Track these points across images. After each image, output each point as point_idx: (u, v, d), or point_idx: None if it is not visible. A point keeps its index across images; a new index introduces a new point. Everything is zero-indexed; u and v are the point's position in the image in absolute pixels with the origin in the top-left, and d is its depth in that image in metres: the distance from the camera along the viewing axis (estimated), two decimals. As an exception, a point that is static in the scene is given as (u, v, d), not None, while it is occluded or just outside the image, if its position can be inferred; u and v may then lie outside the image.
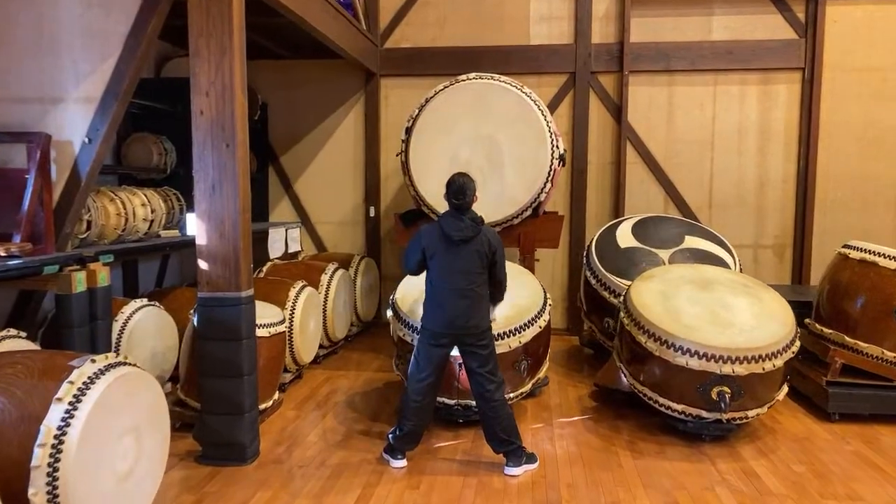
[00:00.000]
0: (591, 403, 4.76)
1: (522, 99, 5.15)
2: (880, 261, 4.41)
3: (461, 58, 6.67)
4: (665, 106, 6.58)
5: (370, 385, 5.16)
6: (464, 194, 3.53)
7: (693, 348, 3.82)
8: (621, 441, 4.06)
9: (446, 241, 3.53)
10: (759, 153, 6.52)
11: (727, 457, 3.84)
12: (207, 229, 3.55)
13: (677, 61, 6.45)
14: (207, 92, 3.47)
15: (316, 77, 6.98)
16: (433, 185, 5.18)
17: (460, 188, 3.53)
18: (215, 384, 3.61)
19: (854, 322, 4.50)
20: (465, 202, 3.54)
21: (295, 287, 4.97)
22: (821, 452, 3.89)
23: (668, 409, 4.04)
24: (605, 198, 6.72)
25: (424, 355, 3.61)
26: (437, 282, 3.55)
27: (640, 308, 4.11)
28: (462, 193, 3.53)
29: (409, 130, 5.32)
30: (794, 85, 6.41)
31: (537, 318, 4.19)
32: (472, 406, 4.11)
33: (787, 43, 6.35)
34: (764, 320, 3.99)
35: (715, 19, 6.44)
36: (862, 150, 6.33)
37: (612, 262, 5.32)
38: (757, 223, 6.59)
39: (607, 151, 6.68)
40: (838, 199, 6.39)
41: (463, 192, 3.53)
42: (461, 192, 3.53)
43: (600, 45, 6.57)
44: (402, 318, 4.24)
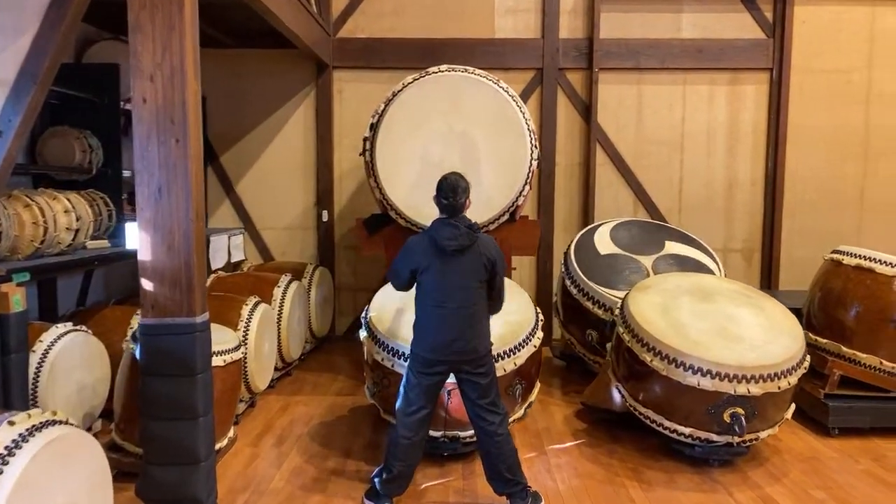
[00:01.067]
0: (581, 425, 4.39)
1: (499, 93, 4.72)
2: (877, 267, 4.25)
3: (421, 50, 6.20)
4: (634, 105, 6.32)
5: (334, 412, 4.61)
6: (455, 192, 3.07)
7: (705, 367, 3.50)
8: (625, 470, 3.70)
9: (439, 253, 3.06)
10: (728, 155, 6.37)
11: (741, 484, 3.54)
12: (153, 241, 2.92)
13: (647, 59, 6.21)
14: (152, 76, 2.85)
15: (261, 68, 6.34)
16: (402, 188, 4.71)
17: (452, 186, 3.07)
18: (163, 429, 2.98)
19: (849, 331, 4.32)
20: (457, 202, 3.08)
21: (248, 304, 4.36)
22: (834, 474, 3.66)
23: (673, 432, 3.71)
24: (574, 201, 6.41)
25: (415, 386, 3.12)
26: (430, 300, 3.07)
27: (643, 323, 3.76)
28: (453, 191, 3.07)
29: (374, 127, 4.79)
30: (762, 85, 6.29)
31: (531, 336, 3.78)
32: (460, 437, 3.68)
33: (755, 43, 6.22)
34: (774, 334, 3.72)
35: (684, 17, 6.24)
36: (829, 152, 6.28)
37: (594, 270, 4.98)
38: (726, 226, 6.44)
39: (576, 152, 6.37)
40: (806, 201, 6.32)
41: (454, 190, 3.07)
42: (452, 190, 3.07)
43: (568, 40, 6.25)
44: (380, 340, 3.73)
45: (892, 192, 6.27)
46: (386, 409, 3.83)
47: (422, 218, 4.72)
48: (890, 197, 6.28)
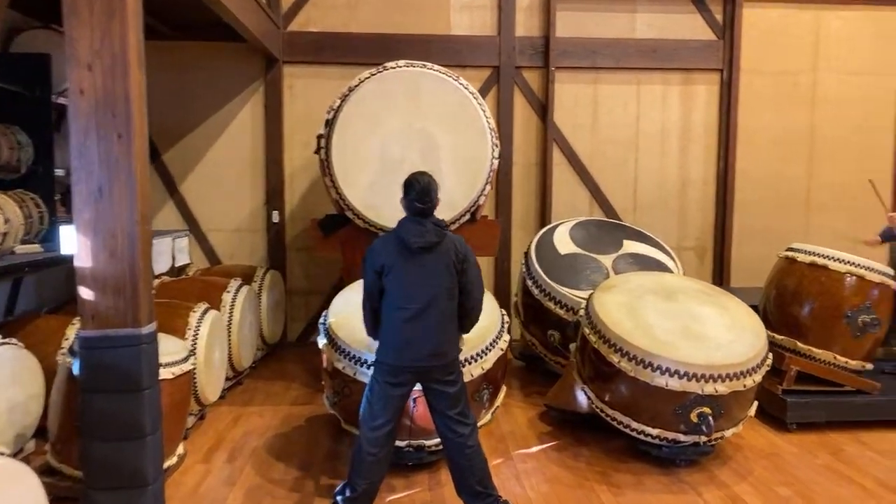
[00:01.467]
0: (546, 428, 4.32)
1: (459, 90, 4.61)
2: (830, 264, 4.34)
3: (376, 45, 6.03)
4: (590, 104, 6.32)
5: (290, 422, 4.39)
6: (429, 196, 2.92)
7: (673, 367, 3.47)
8: (593, 473, 3.64)
9: (405, 252, 2.91)
10: (681, 154, 6.44)
11: (708, 483, 3.53)
12: (93, 246, 2.68)
13: (603, 58, 6.21)
14: (90, 65, 2.61)
15: (206, 62, 6.04)
16: (360, 187, 4.54)
17: (425, 189, 2.92)
18: (106, 450, 2.74)
19: (804, 327, 4.41)
20: (432, 205, 2.94)
21: (196, 311, 4.10)
22: (795, 470, 3.69)
23: (641, 433, 3.67)
24: (531, 201, 6.36)
25: (380, 397, 2.96)
26: (395, 303, 2.91)
27: (609, 324, 3.71)
28: (427, 194, 2.91)
29: (329, 124, 4.60)
30: (713, 86, 6.39)
31: (498, 339, 3.67)
32: (425, 446, 3.54)
33: (706, 44, 6.31)
34: (738, 332, 3.73)
35: (638, 17, 6.27)
36: (777, 152, 6.43)
37: (555, 270, 4.92)
38: (679, 225, 6.51)
39: (532, 152, 6.32)
40: (756, 200, 6.44)
41: (428, 193, 2.92)
42: (426, 193, 2.91)
43: (524, 38, 6.19)
44: (341, 347, 3.55)
45: (836, 193, 6.46)
46: (347, 419, 3.66)
47: (381, 219, 4.57)
48: (834, 197, 6.47)
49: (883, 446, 4.02)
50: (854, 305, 4.28)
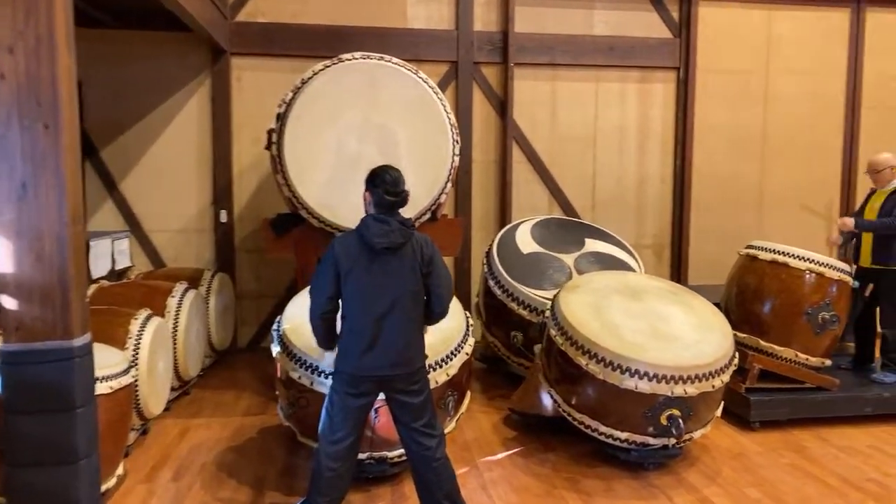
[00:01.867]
0: (511, 433, 4.19)
1: (419, 84, 4.43)
2: (791, 261, 4.35)
3: (328, 38, 5.79)
4: (549, 102, 6.24)
5: (242, 435, 4.14)
6: (399, 187, 2.74)
7: (642, 369, 3.38)
8: (562, 480, 3.53)
9: (368, 252, 2.72)
10: (638, 152, 6.43)
11: (678, 486, 3.46)
12: (15, 249, 2.39)
13: (561, 55, 6.14)
14: (12, 47, 2.33)
15: (148, 52, 5.68)
16: (315, 185, 4.32)
17: (395, 180, 2.74)
18: (34, 476, 2.46)
19: (766, 325, 4.41)
20: (403, 198, 2.76)
21: (138, 318, 3.80)
22: (762, 470, 3.66)
23: (609, 437, 3.57)
24: (490, 199, 6.23)
25: (341, 409, 2.76)
26: (357, 308, 2.72)
27: (577, 325, 3.60)
28: (398, 185, 2.74)
29: (281, 118, 4.36)
30: (670, 84, 6.39)
31: (463, 343, 3.52)
32: (387, 458, 3.36)
33: (663, 42, 6.31)
34: (705, 332, 3.68)
35: (596, 13, 6.22)
36: (731, 150, 6.48)
37: (518, 269, 4.80)
38: (637, 223, 6.50)
39: (491, 149, 6.19)
40: (711, 198, 6.48)
41: (396, 183, 2.74)
42: (396, 185, 2.73)
43: (483, 33, 6.05)
44: (297, 356, 3.33)
45: (787, 190, 6.57)
46: (304, 431, 3.44)
47: (337, 218, 4.37)
48: (785, 194, 6.57)
49: (843, 442, 4.04)
50: (814, 303, 4.30)
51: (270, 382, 5.13)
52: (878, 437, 4.11)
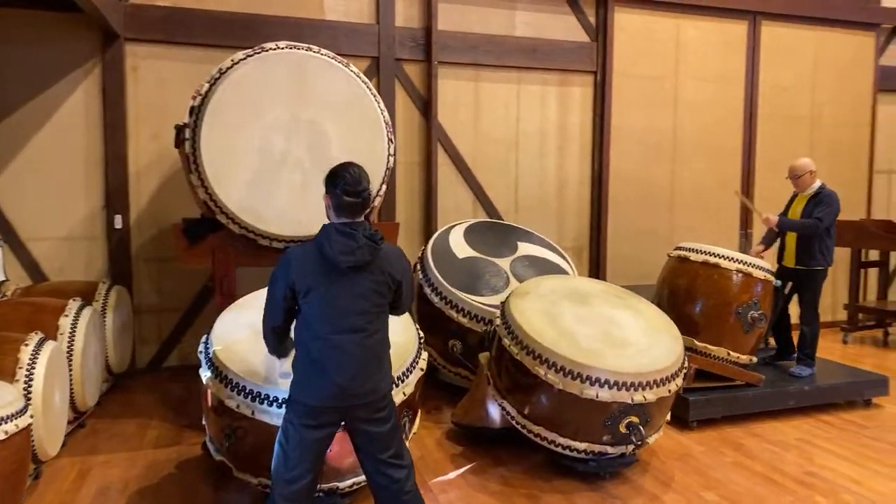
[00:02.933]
0: (457, 448, 3.98)
1: (352, 79, 4.11)
2: (722, 262, 4.45)
3: (238, 27, 5.32)
4: (472, 102, 6.09)
5: (156, 472, 3.62)
6: (362, 186, 2.40)
7: (603, 377, 3.28)
8: (520, 497, 3.36)
9: (329, 270, 2.39)
10: (559, 155, 6.43)
11: (637, 496, 3.39)
12: None
13: (485, 55, 6.01)
14: None
15: (26, 34, 4.94)
16: (236, 186, 3.90)
17: (356, 179, 2.40)
18: None
19: (699, 325, 4.48)
20: (365, 198, 2.42)
21: (28, 343, 3.23)
22: (711, 471, 3.69)
23: (567, 448, 3.45)
24: (415, 202, 5.99)
25: (297, 443, 2.42)
26: (317, 331, 2.39)
27: (532, 333, 3.45)
28: (359, 184, 2.39)
29: (197, 112, 3.88)
30: (588, 88, 6.45)
31: (417, 359, 3.25)
32: (338, 489, 3.04)
33: (581, 45, 6.35)
34: (655, 336, 3.65)
35: (518, 14, 6.15)
36: (645, 153, 6.64)
37: (455, 275, 4.61)
38: (558, 225, 6.51)
39: (415, 150, 5.95)
40: (627, 200, 6.61)
41: (360, 184, 2.40)
42: (358, 184, 2.39)
43: (405, 29, 5.80)
44: (232, 381, 2.93)
45: (696, 192, 6.83)
46: (242, 466, 3.04)
47: (260, 222, 3.97)
48: (694, 196, 6.84)
49: (775, 437, 4.18)
50: (743, 302, 4.43)
51: (180, 407, 4.63)
52: (804, 430, 4.29)
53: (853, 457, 3.86)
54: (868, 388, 4.78)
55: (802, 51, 7.09)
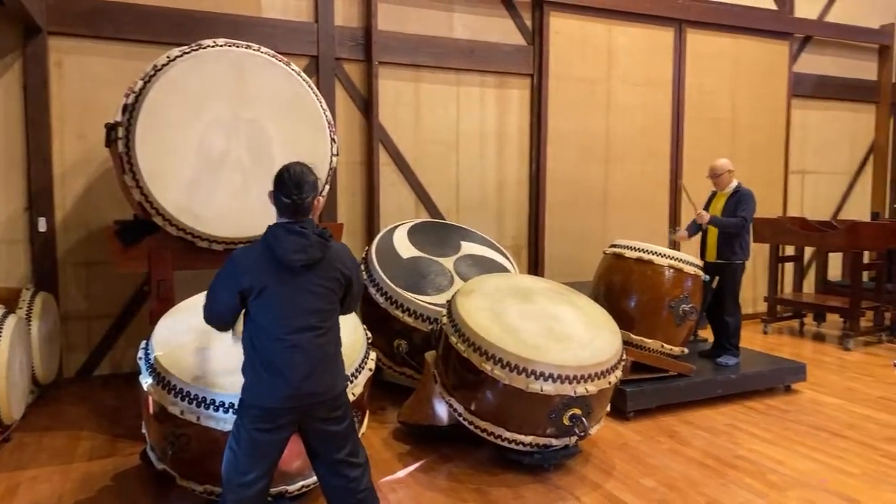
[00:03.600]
0: (404, 447, 4.00)
1: (293, 77, 4.07)
2: (655, 258, 4.65)
3: (170, 22, 5.16)
4: (412, 103, 6.12)
5: (92, 485, 3.48)
6: (300, 187, 2.39)
7: (547, 371, 3.38)
8: (469, 492, 3.42)
9: (279, 270, 2.38)
10: (498, 156, 6.55)
11: (581, 485, 3.51)
12: None
13: (424, 56, 6.05)
14: None
15: (-67, 23, 4.63)
16: (174, 187, 3.80)
17: (296, 179, 2.39)
18: None
19: (634, 319, 4.66)
20: (303, 200, 2.40)
21: (-51, 354, 3.03)
22: (648, 459, 3.85)
23: (513, 442, 3.53)
24: (357, 202, 5.96)
25: (249, 447, 2.39)
26: (269, 331, 2.37)
27: (479, 330, 3.51)
28: (298, 186, 2.38)
29: (131, 110, 3.75)
30: (525, 90, 6.59)
31: (366, 358, 3.26)
32: (287, 492, 3.01)
33: (518, 49, 6.48)
34: (596, 330, 3.79)
35: (456, 16, 6.22)
36: (579, 155, 6.84)
37: (400, 276, 4.62)
38: (498, 224, 6.62)
39: (356, 149, 5.93)
40: (563, 200, 6.80)
41: (299, 185, 2.39)
42: (297, 185, 2.38)
43: (345, 28, 5.77)
44: (176, 387, 2.85)
45: (627, 192, 7.10)
46: (186, 474, 2.96)
47: (199, 223, 3.88)
48: (625, 196, 7.10)
49: (706, 424, 4.41)
50: (675, 296, 4.64)
51: (114, 417, 4.47)
52: (732, 417, 4.54)
53: (776, 439, 4.12)
54: (788, 375, 5.11)
55: (723, 57, 7.48)
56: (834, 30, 8.12)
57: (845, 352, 6.31)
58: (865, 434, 4.21)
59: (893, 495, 3.38)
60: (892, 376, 5.50)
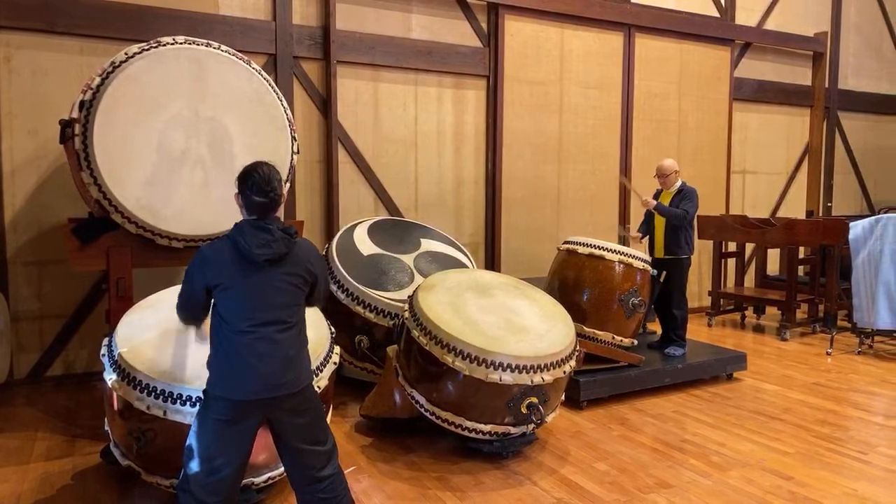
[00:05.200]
0: (366, 440, 4.09)
1: (254, 76, 4.10)
2: (606, 254, 4.86)
3: (126, 19, 5.10)
4: (371, 102, 6.19)
5: (51, 484, 3.45)
6: (271, 186, 2.46)
7: (506, 361, 3.53)
8: (431, 480, 3.53)
9: (245, 264, 2.45)
10: (455, 155, 6.68)
11: (538, 470, 3.67)
12: None
13: (382, 56, 6.13)
14: None
15: None
16: (133, 184, 3.80)
17: (266, 178, 2.46)
18: None
19: (586, 312, 4.88)
20: (276, 197, 2.48)
21: None
22: (601, 444, 4.04)
23: (473, 431, 3.67)
24: (316, 200, 6.00)
25: (216, 437, 2.43)
26: (235, 326, 2.43)
27: (440, 324, 3.63)
28: (269, 184, 2.46)
29: (88, 106, 3.72)
30: (481, 91, 6.74)
31: (330, 352, 3.34)
32: (253, 484, 3.06)
33: (474, 50, 6.63)
34: (551, 322, 3.95)
35: (413, 17, 6.32)
36: (534, 154, 7.04)
37: (361, 272, 4.70)
38: (456, 222, 6.75)
39: (315, 148, 5.96)
40: (518, 199, 6.98)
41: (270, 183, 2.46)
42: (267, 183, 2.45)
43: (303, 27, 5.80)
44: (142, 383, 2.87)
45: (579, 191, 7.33)
46: (152, 468, 2.98)
47: (159, 221, 3.88)
48: (577, 194, 7.33)
49: (655, 411, 4.64)
50: (625, 290, 4.86)
51: (70, 417, 4.42)
52: (678, 404, 4.79)
53: (719, 424, 4.37)
54: (730, 364, 5.40)
55: (670, 62, 7.80)
56: (772, 37, 8.56)
57: (782, 342, 6.69)
58: (800, 417, 4.50)
59: (824, 472, 3.65)
60: (825, 364, 5.87)
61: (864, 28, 9.74)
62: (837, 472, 3.65)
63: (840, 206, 9.61)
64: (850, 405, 4.77)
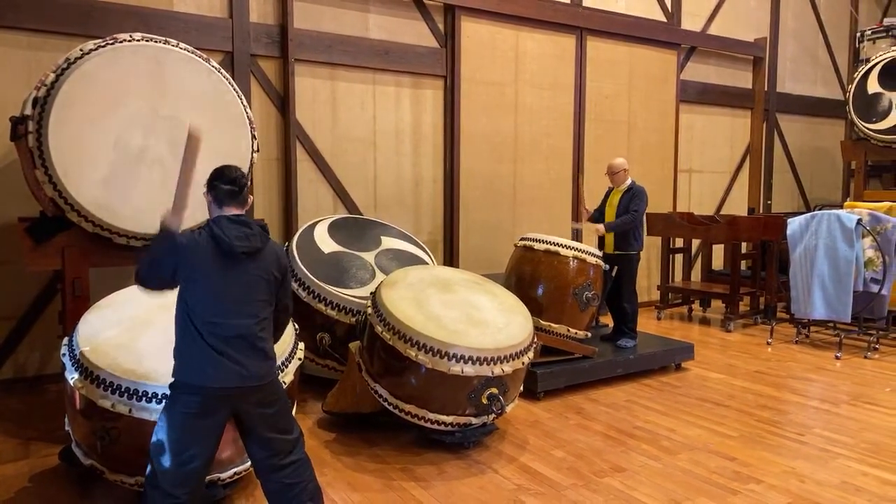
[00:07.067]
0: (330, 435, 4.15)
1: (213, 74, 4.10)
2: (561, 250, 5.02)
3: (76, 14, 4.99)
4: (329, 101, 6.21)
5: (7, 487, 3.39)
6: (242, 181, 2.61)
7: (467, 354, 3.64)
8: (396, 472, 3.62)
9: (222, 257, 2.49)
10: (414, 154, 6.75)
11: (499, 459, 3.80)
12: None
13: (340, 55, 6.16)
14: None
15: None
16: (90, 183, 3.77)
17: (232, 169, 2.62)
18: None
19: (542, 306, 5.01)
20: (243, 184, 2.61)
21: None
22: (558, 433, 4.20)
23: (435, 422, 3.77)
24: (273, 199, 5.99)
25: (184, 431, 2.45)
26: (204, 316, 2.46)
27: (403, 319, 3.72)
28: (240, 180, 2.60)
29: (42, 103, 3.66)
30: (438, 91, 6.84)
31: (295, 348, 3.39)
32: (220, 479, 3.09)
33: (432, 51, 6.72)
34: (509, 315, 4.08)
35: (371, 17, 6.37)
36: (490, 153, 7.18)
37: (322, 270, 4.74)
38: (415, 220, 6.83)
39: (273, 146, 5.95)
40: (476, 197, 7.11)
41: (235, 172, 2.61)
42: (234, 171, 2.61)
43: (260, 25, 5.79)
44: (106, 381, 2.87)
45: (534, 189, 7.51)
46: (116, 467, 2.98)
47: (117, 220, 3.86)
48: (531, 193, 7.51)
49: (608, 400, 4.83)
50: (579, 284, 5.03)
51: (22, 421, 4.34)
52: (631, 393, 5.00)
53: (668, 411, 4.59)
54: (678, 355, 5.65)
55: (620, 64, 8.06)
56: (715, 42, 8.93)
57: (727, 333, 7.02)
58: (743, 403, 4.76)
59: (765, 452, 3.89)
60: (766, 353, 6.19)
61: (801, 34, 10.25)
62: (777, 452, 3.89)
63: (779, 203, 10.08)
64: (789, 391, 5.07)
